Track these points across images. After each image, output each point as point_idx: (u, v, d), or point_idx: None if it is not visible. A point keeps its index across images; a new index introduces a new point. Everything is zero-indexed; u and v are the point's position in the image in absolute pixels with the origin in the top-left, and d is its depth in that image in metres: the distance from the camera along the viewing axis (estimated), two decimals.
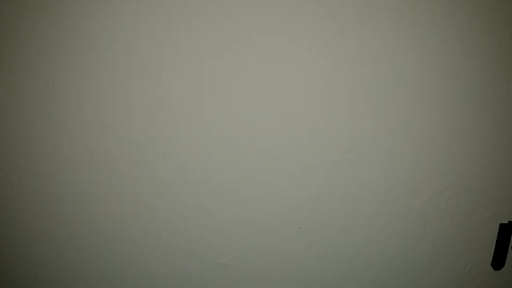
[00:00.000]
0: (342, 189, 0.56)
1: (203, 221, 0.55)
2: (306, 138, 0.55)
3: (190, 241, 0.56)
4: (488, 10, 0.55)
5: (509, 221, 0.58)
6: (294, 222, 0.56)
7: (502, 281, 0.59)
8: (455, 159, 0.56)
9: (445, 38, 0.55)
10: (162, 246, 0.57)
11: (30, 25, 0.56)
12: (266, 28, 0.55)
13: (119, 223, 0.58)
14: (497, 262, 0.58)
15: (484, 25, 0.55)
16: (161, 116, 0.57)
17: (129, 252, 0.58)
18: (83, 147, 0.57)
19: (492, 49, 0.56)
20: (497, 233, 0.58)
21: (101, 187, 0.57)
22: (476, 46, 0.55)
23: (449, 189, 0.57)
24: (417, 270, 0.58)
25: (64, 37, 0.56)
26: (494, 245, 0.58)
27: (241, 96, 0.55)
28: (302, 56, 0.55)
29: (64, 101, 0.57)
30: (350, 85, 0.55)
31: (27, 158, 0.57)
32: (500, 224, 0.58)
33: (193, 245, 0.56)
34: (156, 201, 0.58)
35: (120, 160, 0.57)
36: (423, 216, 0.57)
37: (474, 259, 0.58)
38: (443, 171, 0.57)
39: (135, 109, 0.57)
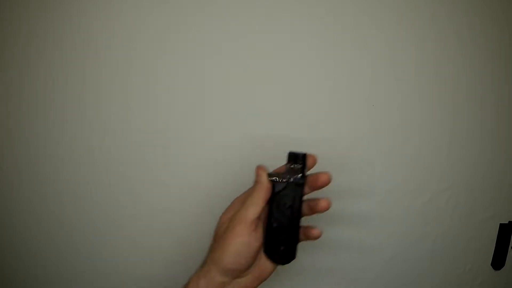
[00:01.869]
0: (342, 189, 0.56)
1: (204, 221, 0.55)
2: (306, 138, 0.55)
3: (191, 242, 0.56)
4: (488, 10, 0.55)
5: (509, 221, 0.58)
6: None
7: (502, 281, 0.59)
8: (455, 159, 0.57)
9: (445, 38, 0.55)
10: (162, 246, 0.57)
11: (30, 25, 0.56)
12: (265, 28, 0.55)
13: (119, 223, 0.58)
14: (497, 262, 0.58)
15: (484, 24, 0.55)
16: (162, 116, 0.57)
17: (129, 252, 0.58)
18: (83, 147, 0.57)
19: (492, 49, 0.56)
20: (497, 233, 0.58)
21: (101, 187, 0.57)
22: (476, 46, 0.55)
23: (449, 189, 0.57)
24: (417, 270, 0.58)
25: (64, 37, 0.56)
26: (494, 245, 0.58)
27: (242, 96, 0.55)
28: (302, 56, 0.55)
29: (64, 101, 0.57)
30: (350, 85, 0.55)
31: (27, 158, 0.57)
32: (500, 224, 0.58)
33: (194, 246, 0.56)
34: (156, 201, 0.58)
35: (120, 160, 0.57)
36: (423, 216, 0.57)
37: (474, 259, 0.58)
38: (443, 171, 0.57)
39: (135, 109, 0.57)
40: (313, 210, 0.45)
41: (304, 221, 0.54)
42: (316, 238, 0.46)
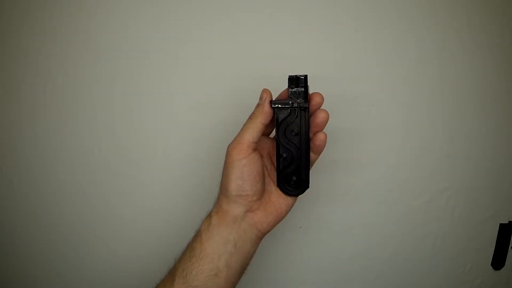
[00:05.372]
0: (342, 189, 0.56)
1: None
2: None
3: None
4: (489, 9, 0.55)
5: (509, 221, 0.58)
6: (294, 222, 0.56)
7: (502, 281, 0.59)
8: (455, 159, 0.56)
9: (446, 37, 0.55)
10: (163, 246, 0.57)
11: (30, 26, 0.56)
12: (263, 31, 0.55)
13: (119, 224, 0.58)
14: (497, 262, 0.58)
15: (484, 24, 0.55)
16: (162, 115, 0.57)
17: (129, 252, 0.58)
18: (82, 147, 0.57)
19: (493, 49, 0.56)
20: (497, 233, 0.58)
21: (101, 187, 0.57)
22: (477, 45, 0.55)
23: (449, 189, 0.57)
24: (417, 270, 0.58)
25: (64, 38, 0.56)
26: (494, 245, 0.58)
27: (244, 96, 0.55)
28: (301, 56, 0.55)
29: (63, 102, 0.57)
30: (350, 85, 0.55)
31: (27, 158, 0.57)
32: (500, 224, 0.58)
33: None
34: (157, 201, 0.58)
35: (120, 160, 0.57)
36: (423, 216, 0.57)
37: (474, 259, 0.58)
38: (443, 171, 0.57)
39: (135, 109, 0.57)
40: (314, 125, 0.42)
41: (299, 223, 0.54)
42: (323, 141, 0.42)
